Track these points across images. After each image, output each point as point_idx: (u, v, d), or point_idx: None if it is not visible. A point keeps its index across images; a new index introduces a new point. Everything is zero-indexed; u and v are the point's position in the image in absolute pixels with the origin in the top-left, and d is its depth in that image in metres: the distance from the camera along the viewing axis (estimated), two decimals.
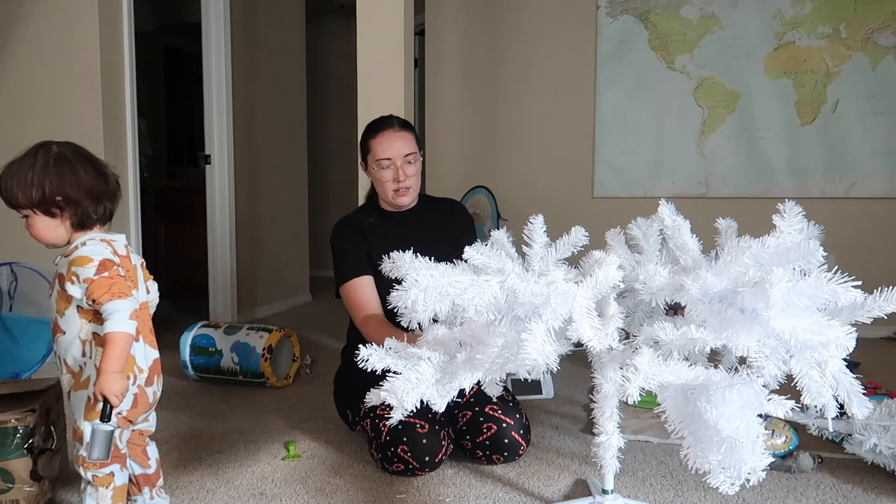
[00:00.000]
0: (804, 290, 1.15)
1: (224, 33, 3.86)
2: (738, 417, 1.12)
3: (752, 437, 1.11)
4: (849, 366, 1.24)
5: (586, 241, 1.50)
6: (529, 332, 1.21)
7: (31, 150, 1.41)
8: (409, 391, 1.26)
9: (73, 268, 1.35)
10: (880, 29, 3.60)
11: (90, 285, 1.33)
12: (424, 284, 1.31)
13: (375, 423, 1.86)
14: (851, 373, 1.25)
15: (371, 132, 2.05)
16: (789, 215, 1.33)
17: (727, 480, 1.10)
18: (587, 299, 1.29)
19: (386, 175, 2.01)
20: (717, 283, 1.25)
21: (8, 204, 1.39)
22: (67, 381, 1.44)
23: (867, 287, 1.22)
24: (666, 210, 1.45)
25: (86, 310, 1.38)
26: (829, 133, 3.68)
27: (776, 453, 1.89)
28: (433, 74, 4.20)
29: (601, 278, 1.30)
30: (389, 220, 2.10)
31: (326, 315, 4.21)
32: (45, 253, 1.54)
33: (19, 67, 3.18)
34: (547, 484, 1.78)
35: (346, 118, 5.30)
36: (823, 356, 1.18)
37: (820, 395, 1.17)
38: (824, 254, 1.22)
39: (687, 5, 3.79)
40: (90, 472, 1.40)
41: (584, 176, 4.01)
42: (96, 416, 1.33)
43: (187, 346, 2.69)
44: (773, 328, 1.16)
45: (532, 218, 1.52)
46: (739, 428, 1.11)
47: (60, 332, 1.41)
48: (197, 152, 5.34)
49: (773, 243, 1.27)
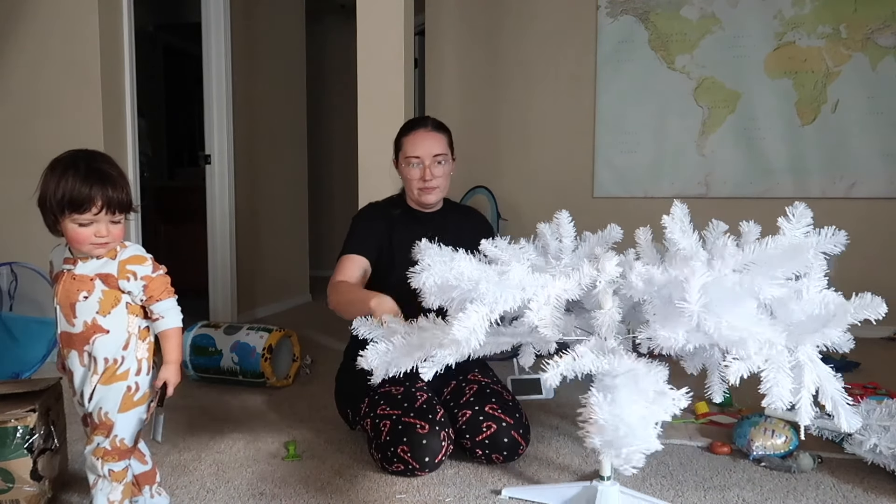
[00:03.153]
0: (725, 283, 1.22)
1: (224, 33, 3.86)
2: (633, 402, 1.17)
3: (646, 422, 1.16)
4: (849, 365, 1.24)
5: (620, 237, 1.58)
6: (465, 312, 1.30)
7: (100, 156, 1.43)
8: (380, 358, 1.45)
9: (128, 266, 1.41)
10: (880, 29, 3.60)
11: (149, 283, 1.43)
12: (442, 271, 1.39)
13: (375, 423, 1.86)
14: (851, 372, 1.25)
15: (405, 130, 2.12)
16: (798, 218, 1.33)
17: (621, 460, 1.15)
18: (558, 290, 1.34)
19: (413, 173, 2.06)
20: (661, 278, 1.31)
21: (120, 207, 1.39)
22: (95, 380, 1.43)
23: (867, 287, 1.22)
24: (678, 211, 1.45)
25: (134, 306, 1.44)
26: (829, 133, 3.68)
27: (776, 453, 1.89)
28: (433, 74, 4.20)
29: (585, 273, 1.37)
30: (414, 218, 2.14)
31: (326, 315, 4.19)
32: (45, 253, 1.54)
33: (20, 68, 3.18)
34: (546, 484, 1.78)
35: (346, 118, 5.30)
36: (803, 358, 1.20)
37: (780, 399, 1.18)
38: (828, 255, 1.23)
39: (687, 5, 3.80)
40: (108, 466, 1.41)
41: (584, 176, 4.01)
42: (133, 405, 1.42)
43: (187, 346, 2.69)
44: (702, 322, 1.21)
45: (557, 214, 1.63)
46: (634, 413, 1.16)
47: (102, 331, 1.41)
48: (197, 152, 5.34)
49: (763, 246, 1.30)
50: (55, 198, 1.35)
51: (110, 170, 1.39)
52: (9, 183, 3.17)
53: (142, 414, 1.46)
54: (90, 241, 1.38)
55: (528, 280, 1.36)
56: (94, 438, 1.43)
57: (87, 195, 1.34)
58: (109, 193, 1.36)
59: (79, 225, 1.36)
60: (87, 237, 1.37)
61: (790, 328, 1.24)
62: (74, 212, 1.35)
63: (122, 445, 1.43)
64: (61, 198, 1.34)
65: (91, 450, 1.43)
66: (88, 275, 1.41)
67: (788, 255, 1.28)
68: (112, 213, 1.37)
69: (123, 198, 1.38)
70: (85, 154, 1.41)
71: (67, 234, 1.39)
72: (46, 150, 1.56)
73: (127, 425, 1.43)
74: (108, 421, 1.42)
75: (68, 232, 1.38)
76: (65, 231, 1.38)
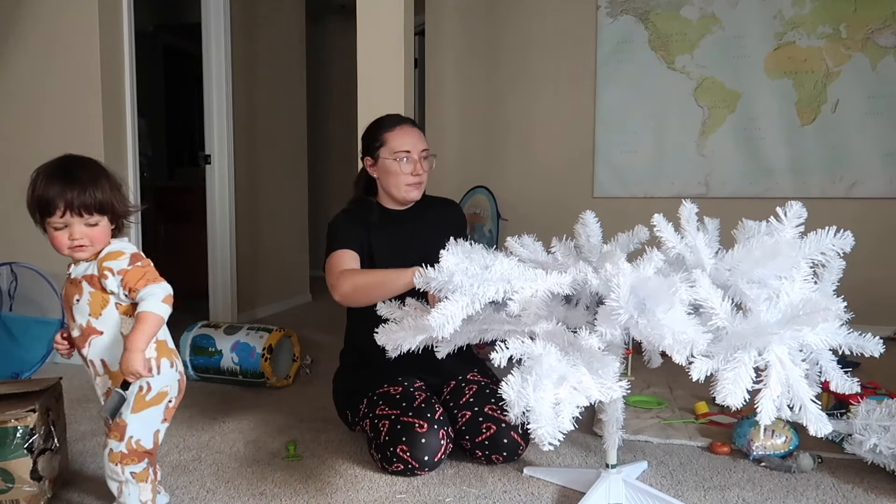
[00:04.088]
0: (651, 284, 1.27)
1: (224, 33, 3.86)
2: (541, 387, 1.23)
3: (558, 406, 1.23)
4: (849, 366, 1.24)
5: (647, 237, 1.63)
6: (447, 300, 1.36)
7: (78, 159, 1.42)
8: (392, 337, 1.52)
9: (105, 263, 1.40)
10: (880, 29, 3.60)
11: (125, 276, 1.39)
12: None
13: (374, 424, 1.86)
14: (850, 372, 1.25)
15: (387, 125, 2.05)
16: (789, 217, 1.34)
17: (541, 439, 1.21)
18: (541, 284, 1.40)
19: (405, 167, 2.00)
20: (595, 281, 1.39)
21: (86, 209, 1.37)
22: (103, 383, 1.45)
23: (867, 287, 1.23)
24: (686, 211, 1.46)
25: (124, 305, 1.42)
26: (829, 133, 3.68)
27: (776, 453, 1.89)
28: (433, 74, 4.20)
29: (575, 273, 1.44)
30: (391, 219, 2.09)
31: (326, 315, 4.21)
32: (45, 253, 1.54)
33: (19, 68, 3.18)
34: (546, 484, 1.78)
35: (346, 118, 5.31)
36: (775, 358, 1.21)
37: (732, 397, 1.19)
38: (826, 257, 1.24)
39: (687, 5, 3.79)
40: (129, 469, 1.41)
41: (584, 176, 4.01)
42: (146, 405, 1.42)
43: (187, 346, 2.69)
44: (629, 321, 1.27)
45: (582, 214, 1.72)
46: (543, 397, 1.22)
47: (96, 333, 1.42)
48: (197, 152, 5.34)
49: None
50: (30, 203, 1.37)
51: (81, 173, 1.38)
52: (9, 183, 3.17)
53: (158, 414, 1.45)
54: (67, 244, 1.38)
55: (514, 273, 1.42)
56: (109, 443, 1.43)
57: (49, 197, 1.35)
58: (69, 196, 1.34)
59: (54, 229, 1.38)
60: (62, 241, 1.38)
61: (758, 328, 1.25)
62: (45, 216, 1.37)
63: (138, 447, 1.42)
64: (33, 202, 1.37)
65: (106, 455, 1.43)
66: (78, 277, 1.43)
67: (769, 255, 1.29)
68: (79, 214, 1.36)
69: (88, 199, 1.36)
70: (65, 160, 1.41)
71: (49, 239, 1.40)
72: (46, 150, 1.56)
73: (141, 426, 1.43)
74: (122, 422, 1.41)
75: (49, 238, 1.40)
76: (48, 237, 1.40)
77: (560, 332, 1.37)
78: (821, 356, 1.40)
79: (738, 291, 1.35)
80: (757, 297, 1.30)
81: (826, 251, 1.34)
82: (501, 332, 1.48)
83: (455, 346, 1.57)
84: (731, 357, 1.21)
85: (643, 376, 2.66)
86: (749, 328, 1.24)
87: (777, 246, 1.30)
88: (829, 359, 1.42)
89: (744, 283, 1.34)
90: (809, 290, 1.31)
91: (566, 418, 1.22)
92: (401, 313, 1.61)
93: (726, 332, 1.26)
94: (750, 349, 1.21)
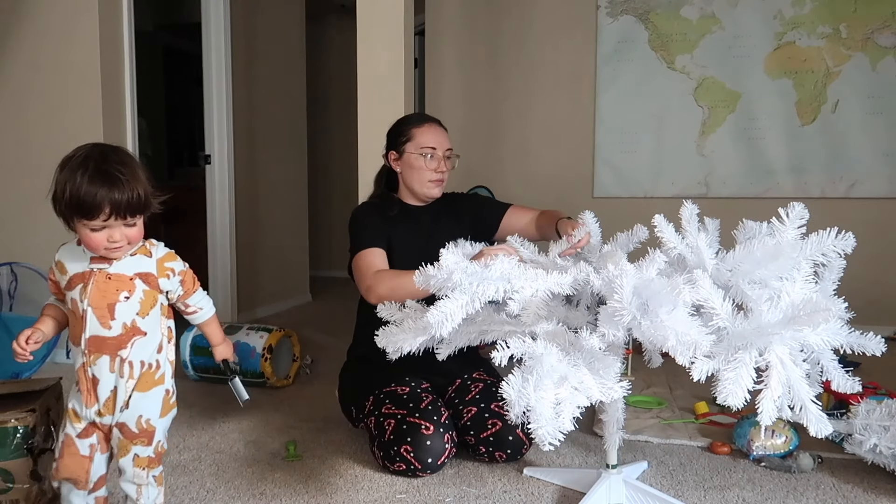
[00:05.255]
0: (654, 286, 1.28)
1: (224, 33, 3.86)
2: (541, 386, 1.23)
3: (559, 406, 1.23)
4: (849, 365, 1.24)
5: (646, 236, 1.65)
6: (447, 298, 1.38)
7: (113, 153, 1.33)
8: (392, 339, 1.54)
9: (166, 263, 1.40)
10: (880, 29, 3.60)
11: (184, 277, 1.43)
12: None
13: (380, 422, 1.86)
14: (850, 371, 1.25)
15: (414, 121, 2.11)
16: (791, 219, 1.34)
17: (541, 439, 1.21)
18: (541, 284, 1.42)
19: (430, 163, 2.05)
20: (597, 282, 1.40)
21: (130, 211, 1.30)
22: (131, 386, 1.35)
23: (868, 287, 1.23)
24: (687, 212, 1.46)
25: (165, 307, 1.41)
26: (829, 133, 3.68)
27: (776, 453, 1.89)
28: (433, 74, 4.20)
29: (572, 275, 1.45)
30: (410, 215, 2.11)
31: (326, 315, 4.21)
32: (45, 253, 1.53)
33: (20, 67, 3.18)
34: (547, 485, 1.78)
35: (346, 118, 5.30)
36: (776, 359, 1.21)
37: (733, 397, 1.19)
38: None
39: (687, 5, 3.79)
40: (152, 473, 1.38)
41: (584, 176, 4.01)
42: (170, 408, 1.42)
43: (187, 346, 2.69)
44: (631, 321, 1.28)
45: (581, 214, 1.77)
46: (543, 396, 1.22)
47: (140, 334, 1.34)
48: (197, 152, 5.34)
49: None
50: (63, 201, 1.26)
51: (120, 171, 1.28)
52: (9, 183, 3.16)
53: (173, 416, 1.44)
54: (104, 245, 1.29)
55: (514, 273, 1.43)
56: (133, 448, 1.35)
57: (93, 202, 1.24)
58: (116, 198, 1.25)
59: (90, 230, 1.28)
60: (100, 242, 1.29)
61: (760, 329, 1.25)
62: (83, 217, 1.26)
63: (162, 450, 1.41)
64: (69, 202, 1.26)
65: (130, 461, 1.36)
66: (127, 274, 1.34)
67: (771, 256, 1.30)
68: (123, 217, 1.28)
69: (134, 201, 1.28)
70: (99, 152, 1.30)
71: (81, 237, 1.31)
72: (46, 150, 1.56)
73: (164, 429, 1.41)
74: (150, 427, 1.36)
75: (81, 236, 1.30)
76: (78, 234, 1.31)
77: (561, 332, 1.37)
78: (822, 356, 1.40)
79: (740, 292, 1.35)
80: (758, 298, 1.30)
81: (827, 252, 1.34)
82: (502, 333, 1.48)
83: (456, 348, 1.58)
84: (732, 357, 1.22)
85: (643, 376, 2.66)
86: (750, 328, 1.24)
87: (779, 247, 1.30)
88: (830, 358, 1.42)
89: (745, 283, 1.34)
90: (810, 291, 1.31)
91: (567, 418, 1.22)
92: (401, 315, 1.61)
93: (727, 332, 1.26)
94: (751, 349, 1.21)
